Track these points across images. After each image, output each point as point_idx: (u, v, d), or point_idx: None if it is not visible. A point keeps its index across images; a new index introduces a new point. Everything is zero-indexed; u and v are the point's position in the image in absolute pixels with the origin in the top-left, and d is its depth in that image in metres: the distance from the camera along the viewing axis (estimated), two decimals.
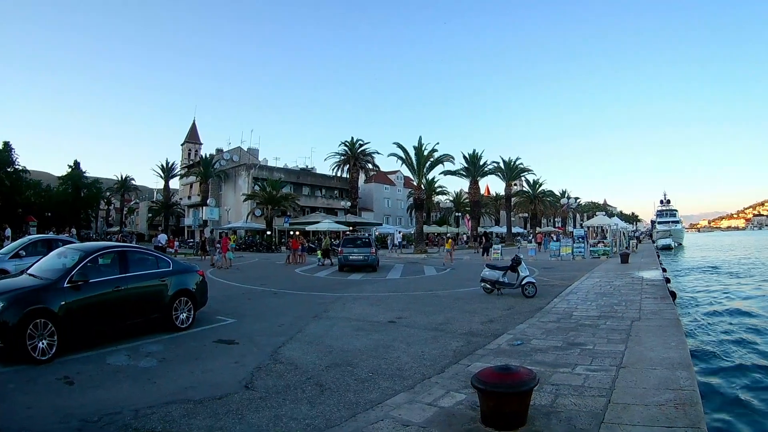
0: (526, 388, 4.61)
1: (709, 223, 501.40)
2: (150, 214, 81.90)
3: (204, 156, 70.59)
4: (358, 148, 62.05)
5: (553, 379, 6.29)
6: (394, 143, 47.32)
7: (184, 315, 9.77)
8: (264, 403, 5.50)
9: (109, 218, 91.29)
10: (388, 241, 55.53)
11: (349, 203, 61.63)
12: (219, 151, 76.36)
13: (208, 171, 62.58)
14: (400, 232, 60.24)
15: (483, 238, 44.22)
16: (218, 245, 31.47)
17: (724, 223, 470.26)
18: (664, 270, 23.70)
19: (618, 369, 6.65)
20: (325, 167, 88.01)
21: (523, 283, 14.39)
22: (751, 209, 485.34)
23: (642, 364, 6.90)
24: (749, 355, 11.65)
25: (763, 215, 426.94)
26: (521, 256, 15.37)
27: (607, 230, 41.33)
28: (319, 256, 30.27)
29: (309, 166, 76.26)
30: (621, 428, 4.69)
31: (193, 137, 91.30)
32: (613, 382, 6.11)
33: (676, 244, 75.61)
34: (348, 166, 62.05)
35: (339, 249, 26.48)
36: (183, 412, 5.17)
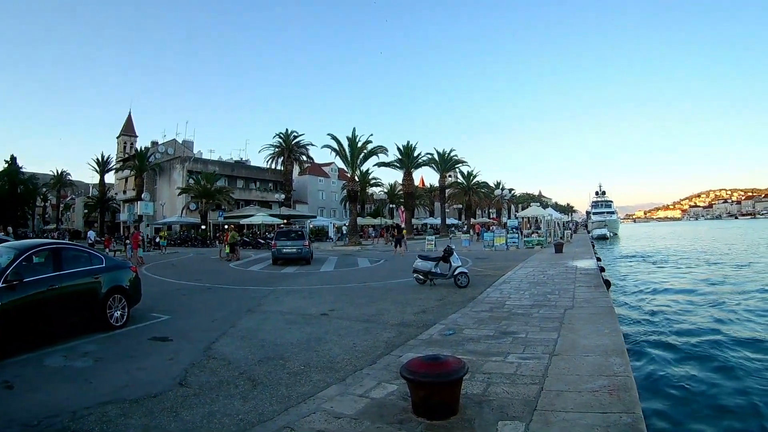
0: (455, 378, 4.69)
1: (645, 213, 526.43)
2: (86, 210, 79.42)
3: (139, 149, 68.56)
4: (293, 140, 62.47)
5: (485, 368, 6.43)
6: (328, 134, 47.76)
7: (119, 313, 9.77)
8: (198, 400, 5.59)
9: (46, 215, 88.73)
10: (333, 233, 56.26)
11: (283, 196, 61.55)
12: (154, 143, 75.14)
13: (143, 164, 61.54)
14: (334, 225, 61.02)
15: (395, 230, 45.37)
16: (128, 241, 30.66)
17: (660, 214, 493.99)
18: (598, 259, 24.61)
19: (551, 357, 6.86)
20: (259, 159, 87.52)
21: (456, 273, 14.70)
22: (687, 200, 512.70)
23: (575, 351, 7.13)
24: (683, 339, 12.24)
25: (699, 206, 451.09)
26: (453, 247, 15.65)
27: (541, 221, 42.54)
28: (227, 251, 30.10)
29: (244, 159, 77.04)
30: (554, 415, 4.82)
31: (128, 130, 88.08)
32: (546, 369, 6.29)
33: (612, 234, 78.96)
34: (282, 158, 62.36)
35: (272, 242, 26.93)
36: (119, 412, 5.23)
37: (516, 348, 7.42)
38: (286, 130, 62.02)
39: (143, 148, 68.24)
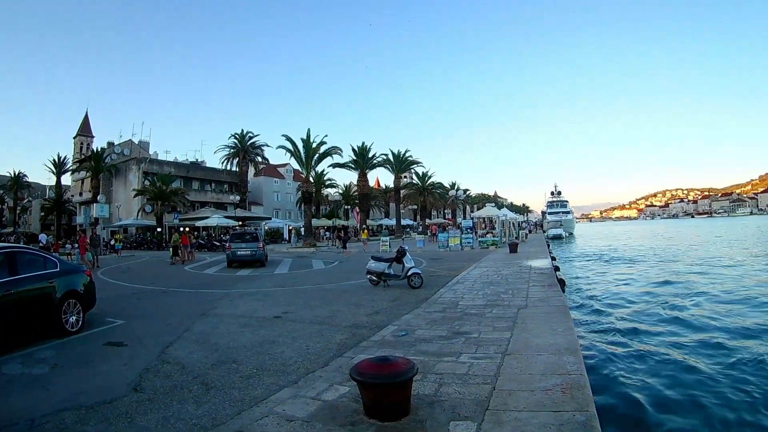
0: (404, 378, 4.71)
1: (601, 213, 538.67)
2: (42, 213, 76.83)
3: (95, 150, 66.82)
4: (248, 141, 62.00)
5: (437, 369, 6.48)
6: (282, 135, 47.54)
7: (74, 318, 9.71)
8: (152, 405, 5.63)
9: (3, 218, 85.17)
10: (292, 235, 56.04)
11: (238, 197, 61.20)
12: (110, 144, 73.03)
13: (99, 166, 59.77)
14: (289, 226, 60.85)
15: (341, 232, 45.86)
16: (76, 245, 29.99)
17: (617, 213, 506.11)
18: (553, 259, 25.06)
19: (503, 356, 6.94)
20: (215, 160, 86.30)
21: (409, 274, 14.81)
22: (643, 200, 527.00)
23: (528, 350, 7.23)
24: (637, 336, 12.52)
25: (655, 206, 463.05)
26: (406, 248, 15.74)
27: (495, 221, 43.03)
28: (170, 254, 29.89)
29: (199, 160, 75.83)
30: (506, 415, 4.87)
31: (85, 130, 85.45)
32: (499, 369, 6.36)
33: (567, 234, 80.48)
34: (238, 159, 61.71)
35: (227, 245, 27.01)
36: (76, 419, 5.27)
37: (468, 348, 7.48)
38: (242, 130, 61.61)
39: (99, 149, 66.83)
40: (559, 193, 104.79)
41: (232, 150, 61.78)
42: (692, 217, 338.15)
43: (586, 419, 4.67)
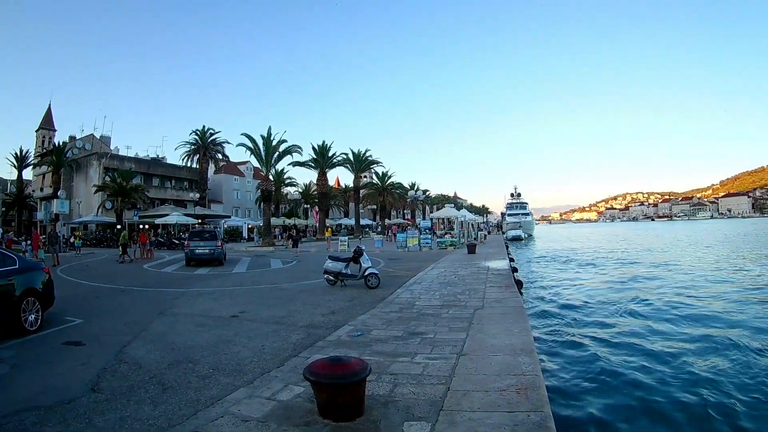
0: (357, 379, 4.75)
1: (561, 215, 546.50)
2: (4, 208, 74.34)
3: (57, 144, 65.17)
4: (209, 138, 61.41)
5: (392, 369, 6.53)
6: (242, 134, 47.58)
7: (33, 316, 9.62)
8: (109, 405, 5.63)
9: None
10: (255, 233, 56.14)
11: (198, 195, 60.45)
12: (72, 138, 71.23)
13: (60, 160, 58.52)
14: (248, 225, 60.70)
15: (293, 232, 46.11)
16: (29, 241, 29.37)
17: (577, 216, 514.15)
18: (511, 260, 25.46)
19: (458, 357, 7.02)
20: (176, 157, 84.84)
21: (366, 274, 14.92)
22: (603, 203, 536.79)
23: (483, 351, 7.32)
24: (594, 336, 12.82)
25: (615, 208, 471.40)
26: (363, 247, 15.86)
27: (454, 222, 43.37)
28: (119, 252, 29.58)
29: (160, 156, 74.71)
30: (460, 415, 4.93)
31: (48, 123, 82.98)
32: (453, 369, 6.43)
33: (527, 236, 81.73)
34: (198, 156, 61.01)
35: (186, 243, 27.05)
36: (35, 420, 5.28)
37: (424, 348, 7.56)
38: (203, 127, 60.98)
39: (61, 144, 65.37)
40: (519, 194, 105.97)
41: (192, 146, 61.14)
42: (652, 220, 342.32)
43: (541, 419, 4.74)
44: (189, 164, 62.78)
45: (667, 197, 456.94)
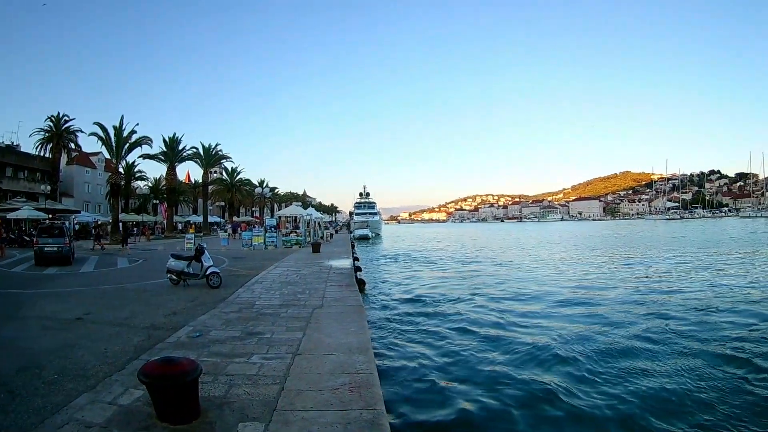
0: (189, 379, 4.87)
1: (410, 215, 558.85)
2: None
3: None
4: (64, 125, 55.84)
5: (228, 370, 6.70)
6: (94, 123, 44.35)
7: None
8: None
9: None
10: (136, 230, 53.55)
11: (49, 187, 55.02)
12: None
13: None
14: (96, 221, 57.07)
15: (122, 229, 45.26)
16: None
17: (426, 216, 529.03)
18: (356, 259, 25.95)
19: (294, 356, 7.31)
20: (30, 144, 77.04)
21: (208, 273, 14.88)
22: (453, 204, 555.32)
23: (319, 350, 7.65)
24: (432, 334, 13.24)
25: (465, 210, 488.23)
26: (204, 246, 15.79)
27: (300, 220, 43.56)
28: None
29: (15, 143, 66.33)
30: (293, 414, 5.19)
31: None
32: (288, 369, 6.71)
33: (374, 235, 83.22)
34: (52, 144, 55.59)
35: (35, 239, 25.94)
36: None
37: (260, 348, 7.77)
38: (58, 113, 55.39)
39: None
40: (368, 194, 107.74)
41: (47, 134, 55.60)
42: (501, 221, 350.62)
43: (374, 417, 5.08)
44: (43, 153, 57.17)
45: (517, 200, 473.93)
